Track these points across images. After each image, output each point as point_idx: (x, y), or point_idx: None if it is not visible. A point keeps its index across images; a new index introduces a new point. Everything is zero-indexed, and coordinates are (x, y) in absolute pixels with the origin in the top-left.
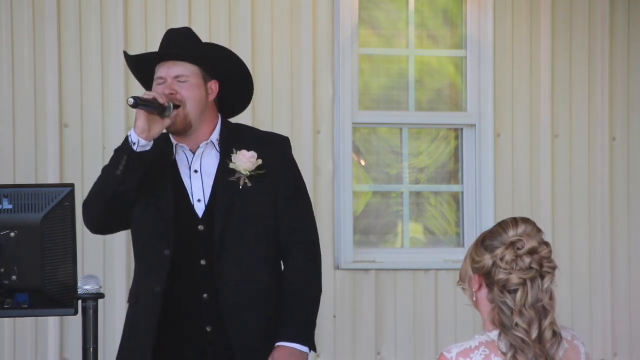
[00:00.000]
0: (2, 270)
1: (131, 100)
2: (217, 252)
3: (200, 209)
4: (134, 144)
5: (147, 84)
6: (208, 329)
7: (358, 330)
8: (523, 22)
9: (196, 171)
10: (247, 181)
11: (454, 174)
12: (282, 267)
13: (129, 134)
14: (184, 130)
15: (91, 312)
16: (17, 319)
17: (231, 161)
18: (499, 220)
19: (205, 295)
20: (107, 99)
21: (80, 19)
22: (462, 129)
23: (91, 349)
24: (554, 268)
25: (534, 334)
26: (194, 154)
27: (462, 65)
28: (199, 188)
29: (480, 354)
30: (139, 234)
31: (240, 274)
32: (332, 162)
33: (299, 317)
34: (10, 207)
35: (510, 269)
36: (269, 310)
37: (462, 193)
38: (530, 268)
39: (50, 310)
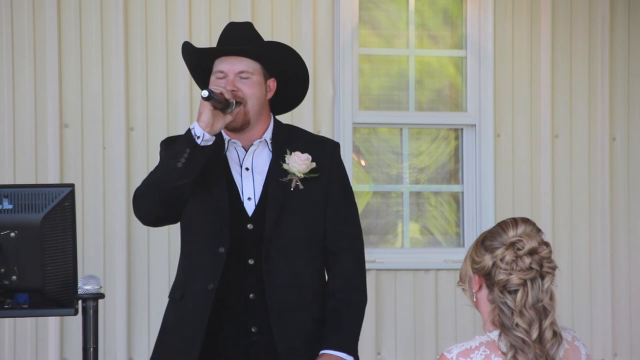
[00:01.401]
0: (2, 270)
1: (206, 93)
2: (266, 251)
3: (250, 207)
4: (198, 137)
5: (200, 77)
6: (253, 329)
7: None
8: (523, 22)
9: (247, 169)
10: (298, 183)
11: (454, 174)
12: (325, 272)
13: (191, 127)
14: (241, 127)
15: (91, 312)
16: (17, 319)
17: (284, 161)
18: (499, 220)
19: (251, 295)
20: (107, 99)
21: (80, 19)
22: (462, 129)
23: (91, 349)
24: (553, 268)
25: (534, 334)
26: (246, 151)
27: (462, 65)
28: (250, 186)
29: (480, 354)
30: (190, 229)
31: (288, 275)
32: None
33: (347, 326)
34: (10, 207)
35: (511, 270)
36: (314, 312)
37: (462, 193)
38: (530, 268)
39: (50, 310)
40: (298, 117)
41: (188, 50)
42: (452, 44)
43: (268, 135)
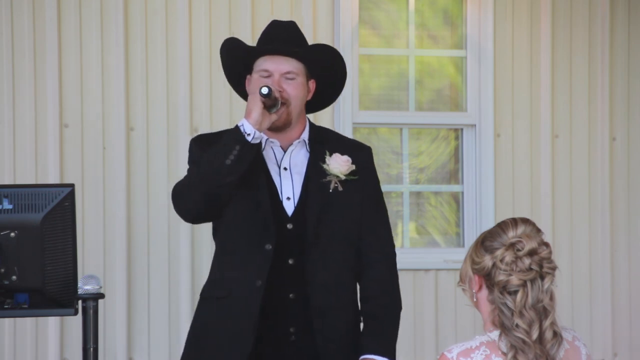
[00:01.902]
0: (2, 270)
1: (266, 89)
2: (308, 251)
3: (289, 207)
4: (248, 134)
5: (236, 76)
6: (291, 329)
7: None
8: (523, 22)
9: (285, 168)
10: (337, 184)
11: (454, 174)
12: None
13: (239, 124)
14: (282, 127)
15: (91, 312)
16: (17, 319)
17: (323, 162)
18: (499, 220)
19: (291, 295)
20: (107, 99)
21: (80, 19)
22: (462, 129)
23: (91, 349)
24: (553, 268)
25: (535, 334)
26: (284, 151)
27: (462, 65)
28: (289, 186)
29: (480, 353)
30: (233, 227)
31: (328, 275)
32: None
33: (387, 331)
34: (10, 207)
35: (510, 270)
36: (349, 315)
37: (462, 193)
38: (530, 269)
39: (50, 310)
40: None
41: (232, 46)
42: (452, 44)
43: (305, 135)
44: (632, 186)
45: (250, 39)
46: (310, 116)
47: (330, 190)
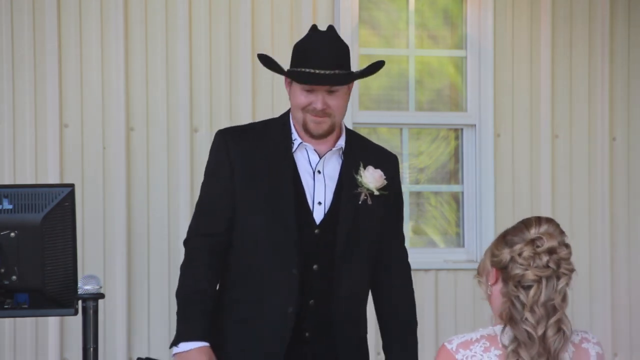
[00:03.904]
0: (2, 270)
1: None
2: (336, 258)
3: (319, 211)
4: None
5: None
6: (307, 334)
7: None
8: (523, 22)
9: (319, 172)
10: (367, 197)
11: (454, 174)
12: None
13: (176, 349)
14: (324, 136)
15: (91, 312)
16: (17, 319)
17: (357, 173)
18: (499, 220)
19: (311, 301)
20: (107, 99)
21: (80, 19)
22: (462, 129)
23: (91, 349)
24: (571, 270)
25: (540, 331)
26: (319, 155)
27: (462, 65)
28: (322, 190)
29: (480, 346)
30: (252, 241)
31: (351, 285)
32: None
33: (412, 345)
34: (10, 207)
35: (527, 265)
36: (362, 329)
37: (462, 193)
38: (547, 266)
39: (50, 310)
40: None
41: (270, 63)
42: (452, 44)
43: (342, 142)
44: (632, 186)
45: (250, 39)
46: None
47: (360, 202)
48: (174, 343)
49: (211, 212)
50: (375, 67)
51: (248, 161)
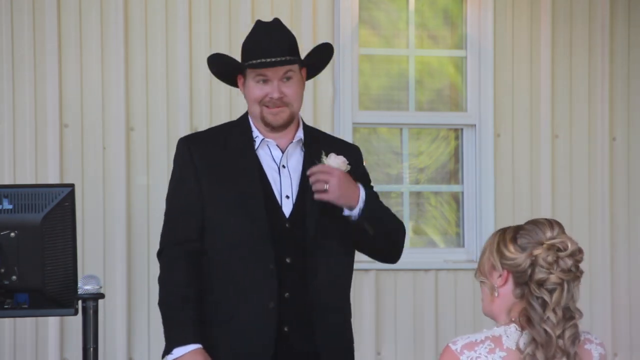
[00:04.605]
0: (2, 270)
1: None
2: (309, 250)
3: (287, 205)
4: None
5: (228, 78)
6: (285, 329)
7: (358, 330)
8: (523, 22)
9: (284, 166)
10: None
11: (454, 174)
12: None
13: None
14: (283, 127)
15: (91, 312)
16: (17, 319)
17: (321, 161)
18: (499, 220)
19: (287, 294)
20: (107, 99)
21: (80, 19)
22: (462, 129)
23: (91, 349)
24: (582, 273)
25: (558, 331)
26: (282, 150)
27: (462, 65)
28: (288, 184)
29: (485, 347)
30: (228, 245)
31: (327, 273)
32: None
33: (381, 205)
34: (10, 207)
35: (551, 269)
36: (347, 315)
37: (462, 193)
38: (570, 270)
39: (50, 310)
40: None
41: (220, 62)
42: (452, 44)
43: (300, 134)
44: (632, 186)
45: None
46: (310, 116)
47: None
48: (167, 351)
49: (182, 220)
50: (322, 50)
51: (213, 165)
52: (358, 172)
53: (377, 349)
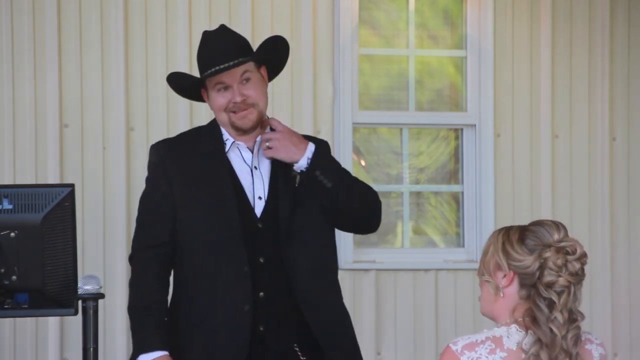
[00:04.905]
0: (2, 270)
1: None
2: (282, 248)
3: (260, 206)
4: None
5: (190, 94)
6: (261, 328)
7: (358, 330)
8: (523, 22)
9: (256, 167)
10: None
11: (454, 174)
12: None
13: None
14: (252, 129)
15: (91, 312)
16: (17, 319)
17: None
18: (499, 220)
19: (261, 294)
20: (107, 99)
21: (80, 19)
22: (462, 129)
23: (91, 349)
24: (584, 275)
25: (563, 332)
26: (252, 151)
27: (462, 65)
28: (260, 185)
29: (486, 347)
30: (200, 247)
31: (304, 270)
32: None
33: (343, 168)
34: (10, 207)
35: (560, 271)
36: (338, 294)
37: (462, 193)
38: (577, 274)
39: (50, 310)
40: (298, 117)
41: (179, 80)
42: (452, 44)
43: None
44: (632, 186)
45: (250, 39)
46: (310, 116)
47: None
48: (133, 358)
49: (153, 224)
50: (273, 43)
51: (184, 169)
52: None
53: (377, 349)
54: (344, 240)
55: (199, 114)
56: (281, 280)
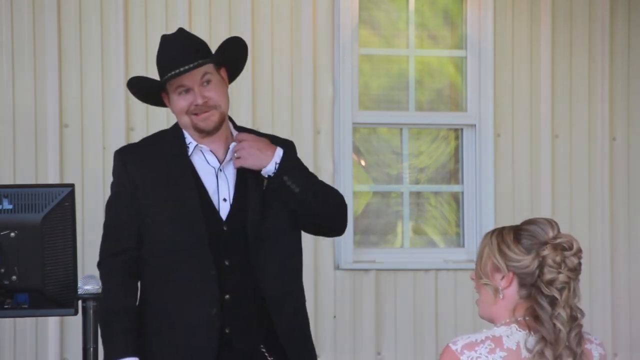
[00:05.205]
0: (2, 270)
1: None
2: (249, 250)
3: (225, 208)
4: None
5: (153, 99)
6: (227, 330)
7: (358, 330)
8: (523, 22)
9: (221, 170)
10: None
11: (454, 174)
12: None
13: None
14: (215, 131)
15: (91, 312)
16: (17, 319)
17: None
18: (499, 220)
19: (227, 296)
20: (107, 99)
21: (80, 19)
22: (462, 129)
23: (91, 349)
24: (581, 270)
25: (567, 328)
26: (215, 154)
27: (462, 65)
28: (225, 187)
29: (485, 347)
30: (165, 251)
31: (272, 272)
32: (332, 162)
33: (309, 172)
34: (10, 207)
35: (559, 269)
36: (301, 296)
37: (462, 193)
38: (575, 269)
39: (50, 310)
40: (298, 117)
41: (140, 85)
42: (452, 44)
43: (233, 137)
44: (632, 186)
45: (250, 39)
46: (310, 116)
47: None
48: None
49: (119, 231)
50: (232, 44)
51: (148, 174)
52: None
53: (377, 349)
54: (344, 240)
55: None
56: (248, 282)
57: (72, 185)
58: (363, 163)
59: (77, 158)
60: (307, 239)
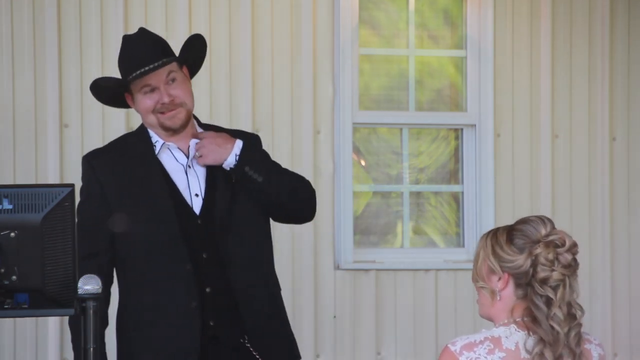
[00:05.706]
0: (2, 270)
1: None
2: (222, 242)
3: (197, 203)
4: None
5: (117, 102)
6: (211, 323)
7: (358, 330)
8: (523, 22)
9: (189, 166)
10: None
11: (454, 174)
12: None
13: None
14: (182, 129)
15: (91, 312)
16: (17, 319)
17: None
18: (499, 220)
19: (208, 289)
20: None
21: (80, 19)
22: (462, 129)
23: (91, 349)
24: (578, 265)
25: (566, 328)
26: (182, 150)
27: (462, 65)
28: (196, 182)
29: (484, 348)
30: (140, 250)
31: (245, 262)
32: (332, 162)
33: (272, 162)
34: (10, 207)
35: (553, 266)
36: (274, 283)
37: (462, 193)
38: (570, 265)
39: (50, 310)
40: (297, 117)
41: (104, 85)
42: (452, 44)
43: (197, 131)
44: (632, 186)
45: (250, 39)
46: (310, 116)
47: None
48: None
49: (90, 234)
50: (194, 42)
51: (116, 175)
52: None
53: (377, 349)
54: (344, 240)
55: (199, 113)
56: (225, 274)
57: (72, 185)
58: (363, 163)
59: (77, 158)
60: (307, 239)
